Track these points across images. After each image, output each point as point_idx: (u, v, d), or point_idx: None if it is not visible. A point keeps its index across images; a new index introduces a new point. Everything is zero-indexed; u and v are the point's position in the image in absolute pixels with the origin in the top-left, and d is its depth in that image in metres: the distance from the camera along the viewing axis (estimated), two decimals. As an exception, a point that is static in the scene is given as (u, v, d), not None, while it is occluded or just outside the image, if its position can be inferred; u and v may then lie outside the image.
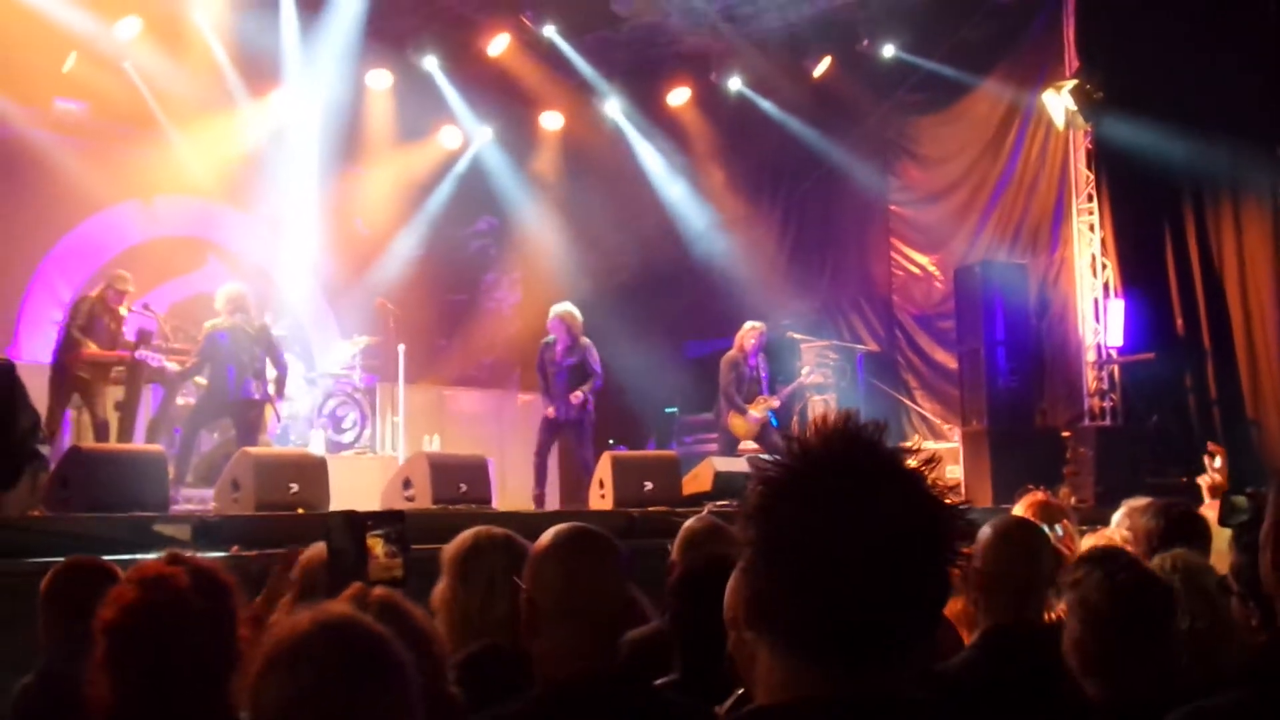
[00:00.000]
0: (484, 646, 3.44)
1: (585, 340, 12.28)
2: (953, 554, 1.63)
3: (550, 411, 12.09)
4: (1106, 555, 3.11)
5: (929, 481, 1.64)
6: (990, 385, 13.57)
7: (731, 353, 13.26)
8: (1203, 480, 5.76)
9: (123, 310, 11.49)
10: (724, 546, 4.44)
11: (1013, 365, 13.75)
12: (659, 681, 3.29)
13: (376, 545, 3.29)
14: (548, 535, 2.96)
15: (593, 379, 12.10)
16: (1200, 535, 4.79)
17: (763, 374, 13.34)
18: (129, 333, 11.60)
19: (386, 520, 3.36)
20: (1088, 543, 5.23)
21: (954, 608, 4.20)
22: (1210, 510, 5.17)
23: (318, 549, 4.23)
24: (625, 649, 3.59)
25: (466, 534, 3.76)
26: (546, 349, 12.28)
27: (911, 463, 1.63)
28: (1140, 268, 14.00)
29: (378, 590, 2.88)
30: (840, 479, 1.59)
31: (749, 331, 13.19)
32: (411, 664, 2.10)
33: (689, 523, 4.59)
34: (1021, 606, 3.60)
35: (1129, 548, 4.42)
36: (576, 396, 11.96)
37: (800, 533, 1.59)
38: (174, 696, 2.77)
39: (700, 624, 3.29)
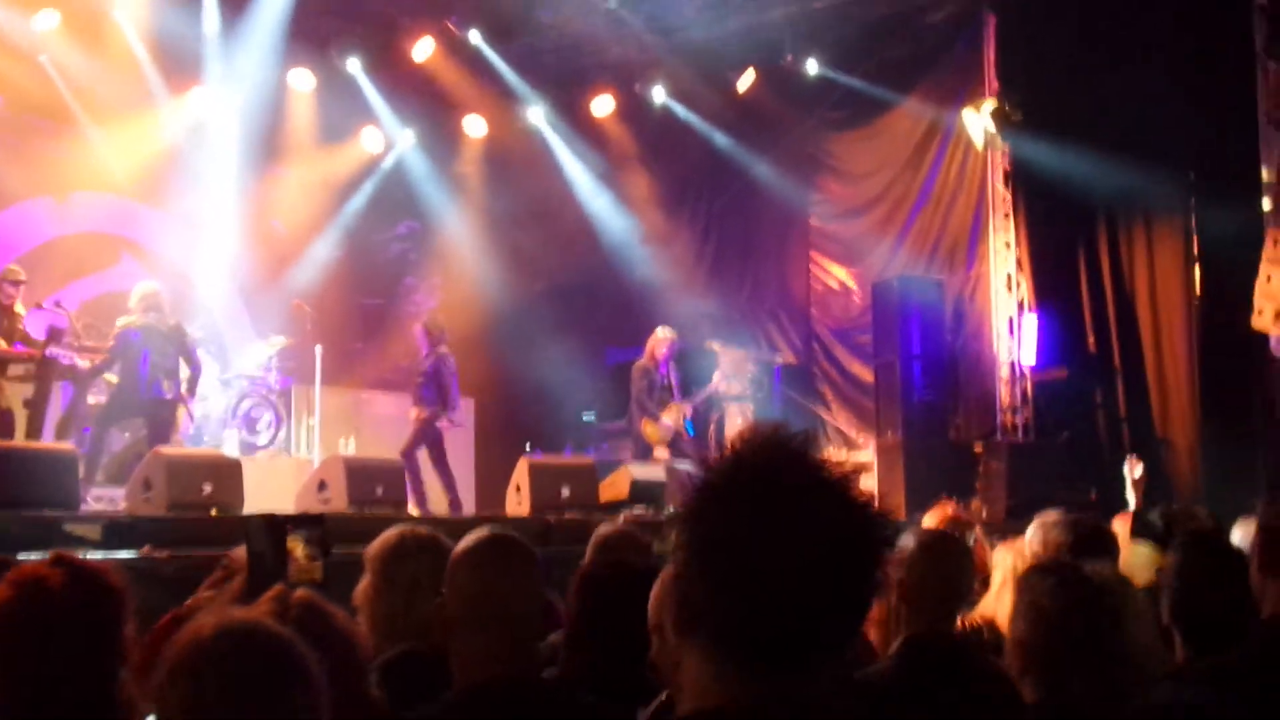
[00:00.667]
0: (406, 649, 3.43)
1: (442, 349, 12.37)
2: (878, 562, 1.66)
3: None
4: (1059, 565, 3.19)
5: (855, 489, 1.66)
6: (905, 398, 13.73)
7: (642, 360, 13.31)
8: (1130, 478, 5.86)
9: (18, 307, 11.32)
10: (635, 553, 4.48)
11: (928, 379, 13.92)
12: (546, 672, 3.31)
13: (296, 548, 3.27)
14: (464, 541, 2.97)
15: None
16: (1108, 550, 4.90)
17: (674, 381, 13.39)
18: (37, 330, 11.43)
19: (306, 523, 3.34)
20: (1001, 554, 5.31)
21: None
22: (1119, 524, 5.29)
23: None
24: (546, 652, 3.61)
25: (391, 533, 3.75)
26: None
27: (836, 473, 1.65)
28: (1054, 286, 14.21)
29: (299, 591, 2.87)
30: (771, 487, 1.62)
31: (660, 339, 13.24)
32: (318, 668, 2.09)
33: (602, 527, 4.62)
34: (941, 616, 3.65)
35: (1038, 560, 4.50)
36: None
37: (731, 539, 1.61)
38: (48, 698, 2.72)
39: (599, 625, 3.31)
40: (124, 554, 6.98)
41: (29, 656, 2.73)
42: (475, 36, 15.15)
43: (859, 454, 14.64)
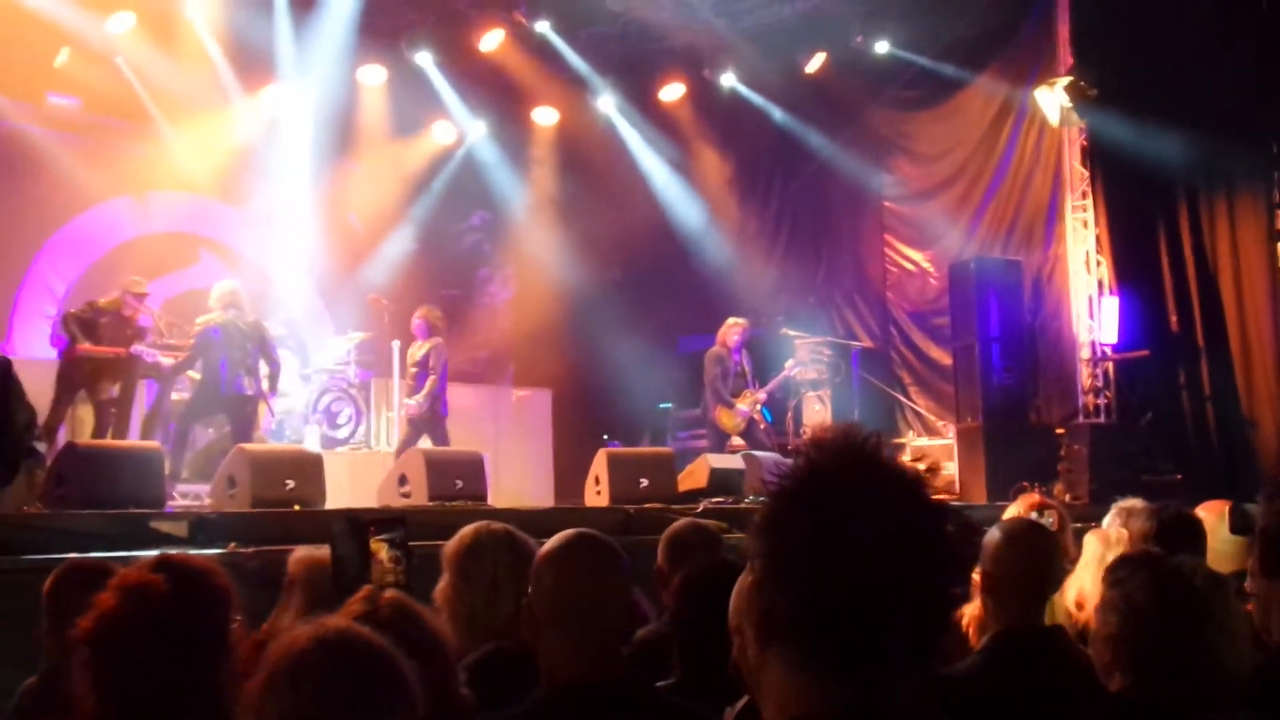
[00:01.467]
0: (494, 648, 3.44)
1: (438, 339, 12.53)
2: (956, 564, 1.65)
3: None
4: (1151, 558, 3.12)
5: (930, 490, 1.65)
6: (985, 382, 13.59)
7: (715, 348, 13.30)
8: None
9: (139, 317, 11.57)
10: (710, 547, 4.46)
11: (1007, 362, 13.76)
12: (661, 684, 3.29)
13: (380, 549, 3.28)
14: (551, 541, 2.96)
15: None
16: (1195, 537, 4.81)
17: (748, 368, 13.37)
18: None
19: (389, 524, 3.34)
20: (1091, 541, 5.23)
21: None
22: (1205, 511, 5.18)
23: (308, 551, 4.23)
24: (630, 650, 3.60)
25: (467, 530, 3.75)
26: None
27: (910, 474, 1.63)
28: (1134, 265, 14.01)
29: (388, 593, 2.88)
30: (845, 493, 1.60)
31: (731, 327, 13.23)
32: (414, 675, 2.09)
33: (673, 526, 4.59)
34: (1029, 609, 3.60)
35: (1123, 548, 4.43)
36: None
37: (808, 549, 1.59)
38: (151, 707, 2.74)
39: (701, 628, 3.30)
40: (210, 551, 7.04)
41: (140, 664, 2.74)
42: (543, 26, 15.15)
43: (940, 439, 14.52)
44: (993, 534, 3.68)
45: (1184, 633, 2.91)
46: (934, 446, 14.37)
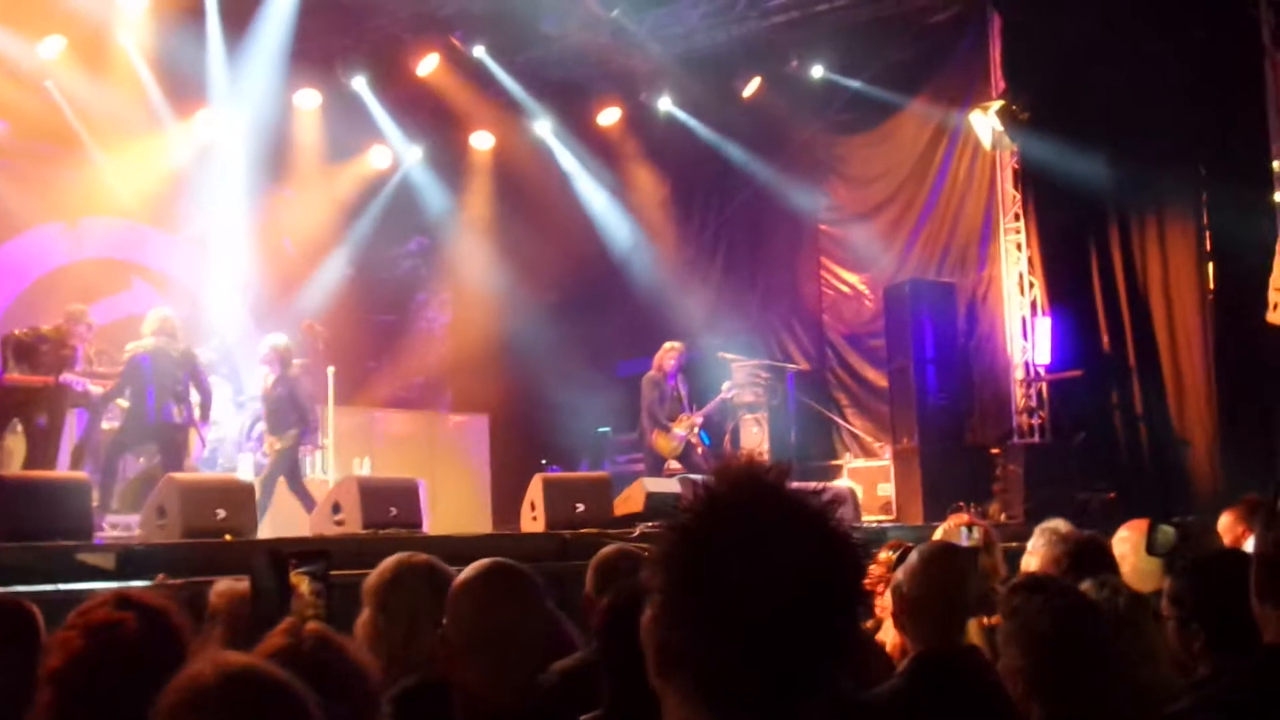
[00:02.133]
0: (416, 681, 3.40)
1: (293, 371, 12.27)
2: (858, 595, 1.63)
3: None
4: (1041, 582, 3.13)
5: (833, 522, 1.62)
6: (920, 403, 13.69)
7: (651, 373, 13.39)
8: None
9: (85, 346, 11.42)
10: (635, 574, 4.41)
11: (942, 383, 13.88)
12: (585, 717, 3.26)
13: (301, 582, 3.24)
14: (465, 571, 2.94)
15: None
16: (1106, 567, 4.83)
17: (683, 392, 13.42)
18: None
19: (311, 557, 3.31)
20: (1030, 563, 5.27)
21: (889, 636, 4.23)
22: (1128, 530, 5.21)
23: (230, 584, 4.18)
24: (554, 680, 3.57)
25: (388, 563, 3.72)
26: None
27: (814, 506, 1.61)
28: (1067, 286, 14.11)
29: (311, 625, 2.85)
30: (745, 526, 1.57)
31: (668, 351, 13.32)
32: (319, 711, 2.06)
33: (601, 552, 4.56)
34: (947, 632, 3.60)
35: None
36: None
37: (705, 581, 1.57)
38: None
39: (626, 657, 3.26)
40: (137, 583, 6.94)
41: (102, 707, 2.69)
42: (480, 50, 15.17)
43: (876, 460, 14.58)
44: (910, 558, 3.69)
45: (1082, 652, 2.92)
46: (870, 468, 14.43)
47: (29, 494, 8.17)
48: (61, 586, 6.47)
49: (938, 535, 5.16)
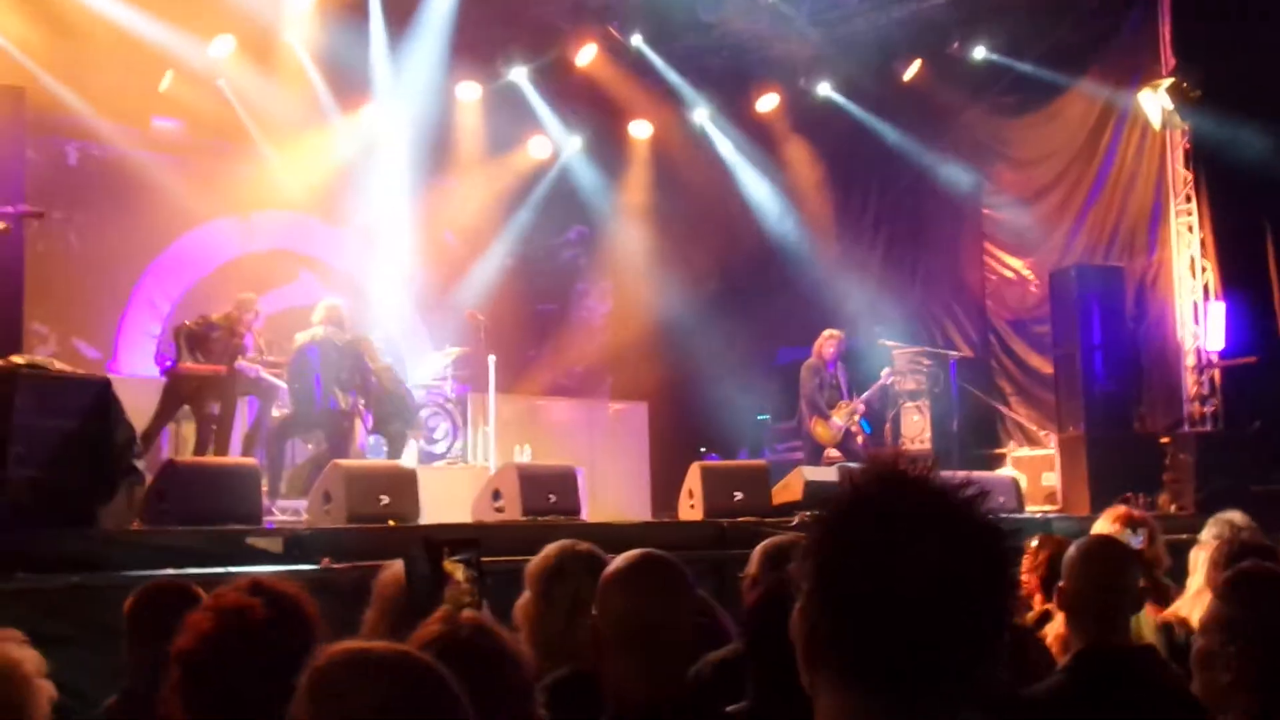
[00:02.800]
0: (569, 672, 3.42)
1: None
2: (1003, 588, 1.64)
3: None
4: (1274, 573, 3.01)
5: (977, 513, 1.64)
6: (1087, 390, 13.35)
7: (810, 360, 13.34)
8: None
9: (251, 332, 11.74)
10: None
11: (1110, 370, 13.51)
12: (732, 708, 3.24)
13: (456, 571, 3.29)
14: (615, 562, 2.94)
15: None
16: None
17: (843, 380, 13.32)
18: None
19: (464, 545, 3.35)
20: (1197, 555, 5.11)
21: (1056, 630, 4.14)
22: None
23: (394, 571, 4.24)
24: (706, 671, 3.55)
25: (551, 549, 3.75)
26: None
27: (957, 499, 1.63)
28: (1241, 269, 13.68)
29: (467, 612, 2.88)
30: (884, 519, 1.61)
31: (827, 339, 13.25)
32: (466, 701, 2.08)
33: (771, 539, 4.52)
34: (1109, 627, 3.52)
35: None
36: None
37: (850, 576, 1.61)
38: None
39: (776, 649, 3.23)
40: (303, 567, 7.12)
41: (226, 686, 2.76)
42: (638, 40, 15.21)
43: (1042, 449, 14.29)
44: (1070, 551, 3.61)
45: None
46: (1035, 457, 14.15)
47: (202, 479, 8.42)
48: (233, 570, 6.64)
49: (1099, 526, 5.02)
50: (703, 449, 14.74)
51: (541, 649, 3.54)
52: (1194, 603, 5.04)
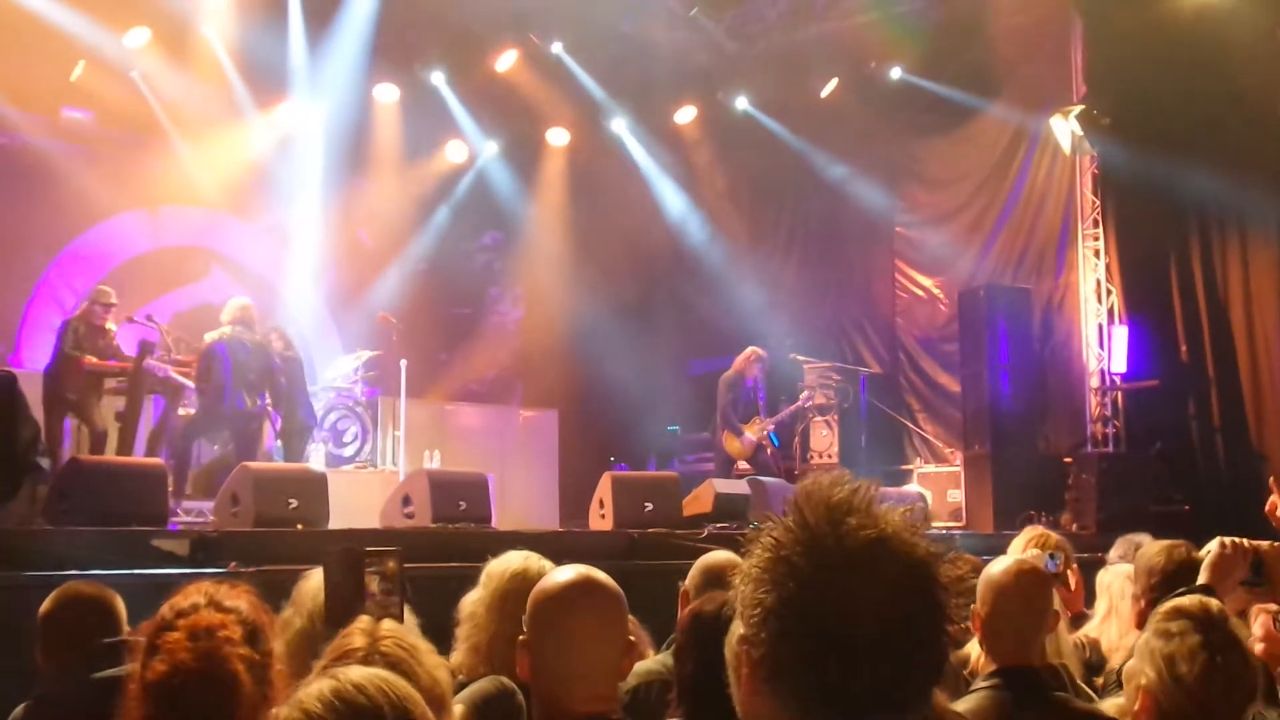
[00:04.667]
0: (495, 686, 3.42)
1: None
2: (946, 619, 1.65)
3: None
4: (1205, 620, 3.05)
5: (923, 543, 1.65)
6: (993, 409, 13.56)
7: (730, 373, 13.35)
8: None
9: (109, 324, 11.48)
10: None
11: (1015, 390, 13.73)
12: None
13: (372, 582, 3.26)
14: (549, 580, 2.93)
15: None
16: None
17: (759, 396, 13.38)
18: (130, 344, 11.62)
19: (383, 556, 3.33)
20: (1105, 576, 5.20)
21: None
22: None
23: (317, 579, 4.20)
24: (633, 684, 3.56)
25: (515, 560, 3.75)
26: None
27: (902, 529, 1.64)
28: (1145, 294, 13.95)
29: (386, 624, 2.87)
30: (833, 546, 1.62)
31: (751, 358, 13.30)
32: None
33: (710, 556, 4.51)
34: (1025, 648, 3.59)
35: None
36: None
37: (796, 602, 1.61)
38: None
39: (708, 665, 3.25)
40: (210, 570, 7.03)
41: (205, 713, 2.70)
42: (558, 48, 15.22)
43: (947, 466, 14.48)
44: (987, 574, 3.66)
45: (1233, 704, 2.90)
46: (941, 473, 14.33)
47: (106, 479, 8.27)
48: (138, 572, 6.56)
49: (1014, 548, 5.09)
50: (612, 458, 14.76)
51: (481, 650, 3.55)
52: (1103, 625, 5.14)
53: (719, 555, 4.61)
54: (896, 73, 15.47)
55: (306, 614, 3.98)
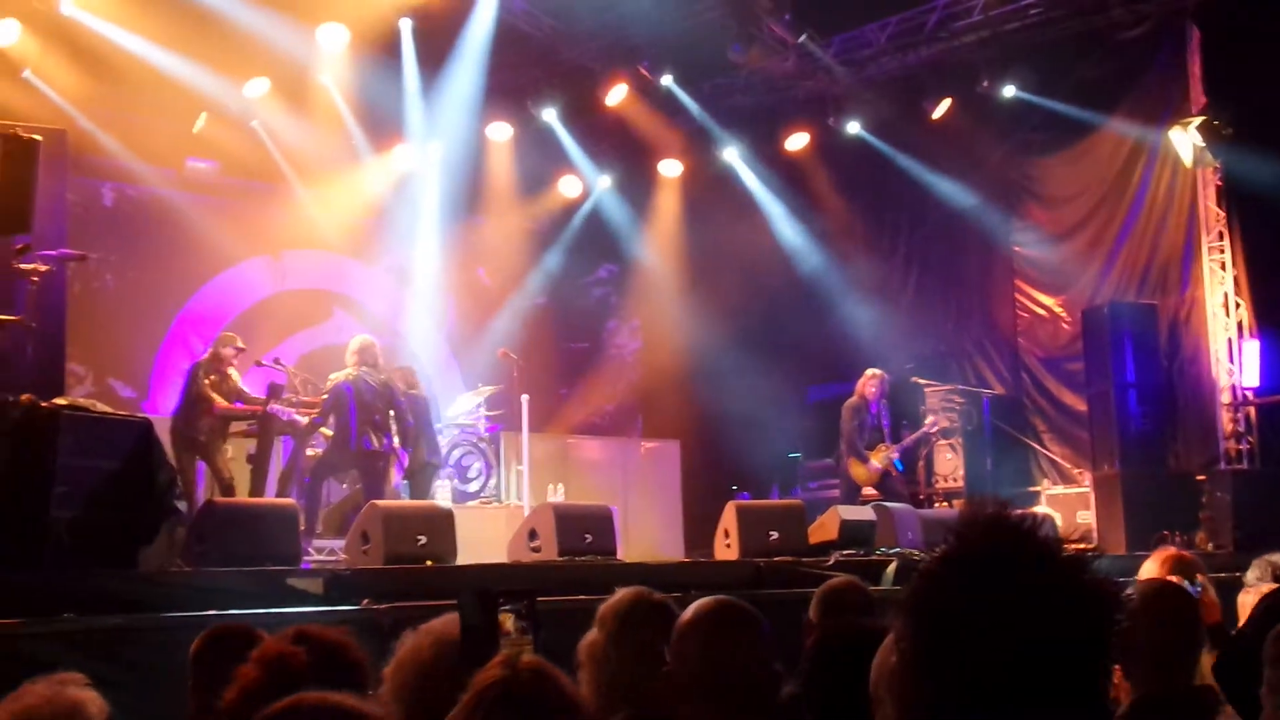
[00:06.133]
0: (634, 717, 3.43)
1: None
2: (1110, 646, 1.63)
3: None
4: None
5: (1089, 573, 1.63)
6: (1121, 428, 13.32)
7: (853, 399, 13.26)
8: None
9: (232, 371, 11.69)
10: (864, 609, 4.38)
11: (1144, 408, 13.48)
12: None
13: (507, 621, 3.29)
14: (690, 610, 2.94)
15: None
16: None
17: (884, 422, 13.29)
18: (257, 387, 11.84)
19: (518, 597, 3.35)
20: (1246, 599, 5.08)
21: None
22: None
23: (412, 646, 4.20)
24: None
25: (626, 595, 3.74)
26: None
27: (1067, 559, 1.60)
28: (1275, 306, 13.63)
29: (527, 656, 2.89)
30: (998, 578, 1.59)
31: (870, 379, 13.19)
32: None
33: (830, 583, 4.50)
34: (1170, 675, 3.50)
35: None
36: None
37: (957, 635, 1.58)
38: None
39: (836, 693, 3.23)
40: (344, 608, 7.12)
41: None
42: (668, 80, 15.28)
43: (1076, 487, 14.23)
44: (1127, 595, 3.58)
45: None
46: (1069, 494, 14.10)
47: (241, 520, 8.45)
48: (275, 610, 6.65)
49: (1148, 570, 4.99)
50: (734, 487, 14.72)
51: (604, 690, 3.55)
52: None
53: (839, 580, 4.59)
54: (1010, 91, 15.28)
55: (395, 681, 4.02)
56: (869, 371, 13.31)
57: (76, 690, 3.20)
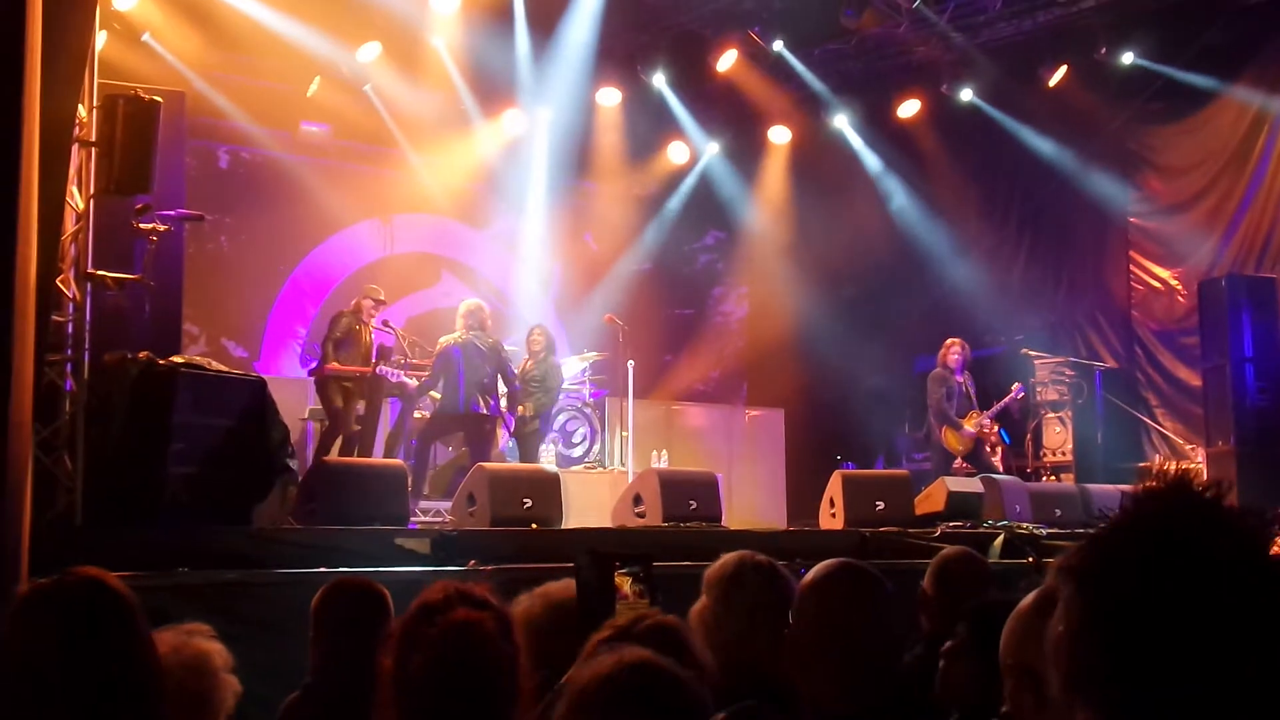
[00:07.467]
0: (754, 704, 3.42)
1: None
2: None
3: None
4: None
5: (1270, 546, 1.54)
6: (1238, 404, 13.03)
7: (937, 370, 13.21)
8: None
9: (372, 323, 11.85)
10: (980, 580, 4.33)
11: (1262, 383, 13.17)
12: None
13: (624, 584, 3.30)
14: (813, 572, 2.92)
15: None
16: None
17: (971, 388, 13.15)
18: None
19: (633, 562, 3.36)
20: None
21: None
22: None
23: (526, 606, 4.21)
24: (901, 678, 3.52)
25: (730, 558, 3.73)
26: None
27: (1255, 530, 1.54)
28: (1399, 280, 13.26)
29: (655, 615, 2.89)
30: (1178, 547, 1.50)
31: (951, 346, 13.16)
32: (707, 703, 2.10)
33: (944, 554, 4.45)
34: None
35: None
36: None
37: (1133, 605, 1.50)
38: None
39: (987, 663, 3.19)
40: (451, 568, 7.20)
41: (464, 706, 2.73)
42: (779, 45, 15.14)
43: (1189, 464, 13.96)
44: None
45: None
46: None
47: (351, 480, 8.56)
48: (383, 569, 6.74)
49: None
50: (839, 457, 14.63)
51: (718, 654, 3.55)
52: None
53: (953, 551, 4.54)
54: (1128, 58, 14.95)
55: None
56: (948, 340, 13.22)
57: (203, 641, 3.27)
